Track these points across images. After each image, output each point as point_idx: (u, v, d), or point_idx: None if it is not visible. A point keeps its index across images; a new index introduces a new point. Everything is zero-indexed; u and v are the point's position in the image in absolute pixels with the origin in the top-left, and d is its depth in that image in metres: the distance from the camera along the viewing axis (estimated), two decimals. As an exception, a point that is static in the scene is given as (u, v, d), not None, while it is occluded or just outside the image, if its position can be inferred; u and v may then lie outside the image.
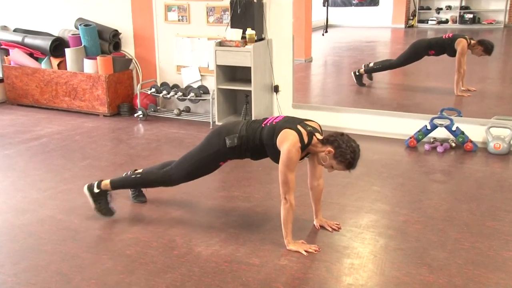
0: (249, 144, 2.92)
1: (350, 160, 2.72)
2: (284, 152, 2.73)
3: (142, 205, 3.46)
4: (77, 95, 6.00)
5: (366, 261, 2.73)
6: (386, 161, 4.33)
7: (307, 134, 2.77)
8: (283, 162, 2.74)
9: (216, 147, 2.99)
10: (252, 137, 2.91)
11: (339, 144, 2.72)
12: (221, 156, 3.01)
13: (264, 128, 2.89)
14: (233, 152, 2.97)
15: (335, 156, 2.73)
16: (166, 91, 5.71)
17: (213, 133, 3.09)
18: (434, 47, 6.06)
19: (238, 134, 2.94)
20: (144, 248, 2.89)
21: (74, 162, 4.38)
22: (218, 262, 2.72)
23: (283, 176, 2.74)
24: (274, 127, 2.84)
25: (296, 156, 2.74)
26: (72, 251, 2.86)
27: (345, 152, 2.70)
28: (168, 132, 5.28)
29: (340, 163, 2.74)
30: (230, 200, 3.58)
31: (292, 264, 2.69)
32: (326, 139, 2.77)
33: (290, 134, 2.75)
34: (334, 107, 5.36)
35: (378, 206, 3.43)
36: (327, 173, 3.01)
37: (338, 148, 2.72)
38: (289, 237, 2.85)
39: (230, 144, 2.94)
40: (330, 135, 2.78)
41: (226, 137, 2.95)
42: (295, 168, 2.76)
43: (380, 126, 5.03)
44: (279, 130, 2.79)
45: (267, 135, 2.85)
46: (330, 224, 3.11)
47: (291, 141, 2.73)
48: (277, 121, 2.89)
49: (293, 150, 2.72)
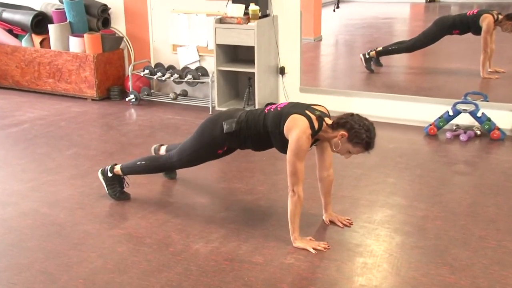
0: (249, 131, 2.92)
1: (367, 140, 2.72)
2: (293, 140, 2.73)
3: (134, 198, 3.46)
4: (62, 76, 5.99)
5: (381, 260, 2.74)
6: (403, 150, 4.33)
7: (317, 119, 2.76)
8: (292, 151, 2.73)
9: (212, 134, 3.02)
10: (253, 124, 2.91)
11: (352, 125, 2.72)
12: (218, 144, 3.04)
13: (267, 114, 2.89)
14: (231, 139, 2.98)
15: (350, 139, 2.73)
16: (161, 73, 5.70)
17: (210, 119, 3.11)
18: (458, 26, 5.99)
19: (237, 119, 2.94)
20: (137, 245, 2.90)
21: (59, 151, 4.38)
22: (218, 261, 2.73)
23: (291, 166, 2.74)
24: (280, 113, 2.83)
25: (307, 144, 2.74)
26: (58, 248, 2.88)
27: (360, 132, 2.71)
28: (163, 118, 5.28)
29: (356, 145, 2.74)
30: (231, 192, 3.59)
31: (299, 263, 2.70)
32: (336, 123, 2.77)
33: (299, 120, 2.74)
34: (346, 91, 5.35)
35: (394, 200, 3.43)
36: (337, 164, 3.01)
37: (351, 130, 2.72)
38: (296, 233, 2.85)
39: (227, 129, 2.94)
40: (339, 118, 2.78)
41: (224, 122, 2.96)
42: (304, 157, 2.76)
43: (396, 112, 5.01)
44: (286, 116, 2.79)
45: (272, 122, 2.84)
46: (341, 219, 3.11)
47: (300, 127, 2.72)
48: (282, 106, 2.88)
49: (303, 137, 2.72)
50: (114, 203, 3.39)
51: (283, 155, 2.85)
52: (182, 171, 3.83)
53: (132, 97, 5.73)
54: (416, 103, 4.96)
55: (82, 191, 3.57)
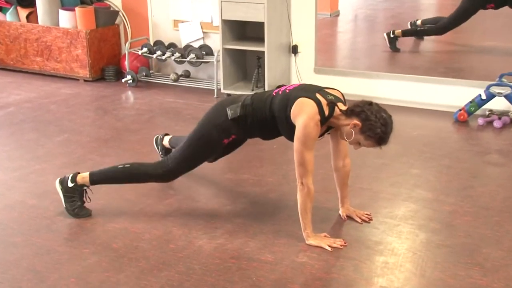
0: (255, 117, 2.91)
1: (381, 135, 2.71)
2: (300, 127, 2.72)
3: (132, 189, 3.48)
4: (51, 54, 6.01)
5: (403, 260, 2.74)
6: (429, 138, 4.31)
7: (328, 104, 2.75)
8: (298, 139, 2.73)
9: (217, 121, 3.00)
10: (259, 108, 2.90)
11: (367, 116, 2.71)
12: (223, 132, 3.01)
13: (275, 97, 2.88)
14: (237, 126, 2.97)
15: (363, 131, 2.72)
16: (161, 52, 5.70)
17: (213, 108, 3.10)
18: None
19: (242, 102, 2.94)
20: (134, 241, 2.92)
21: (48, 137, 4.41)
22: (224, 259, 2.74)
23: (299, 155, 2.74)
24: (287, 96, 2.82)
25: (315, 131, 2.73)
26: (47, 243, 2.90)
27: (375, 126, 2.69)
28: (162, 102, 5.28)
29: (368, 138, 2.73)
30: (238, 184, 3.60)
31: (313, 262, 2.71)
32: (351, 110, 2.75)
33: (307, 105, 2.74)
34: (365, 72, 5.32)
35: (419, 193, 3.43)
36: (355, 152, 3.00)
37: (366, 121, 2.70)
38: (309, 230, 2.86)
39: (232, 114, 2.93)
40: (355, 105, 2.77)
41: (228, 107, 2.96)
42: (313, 145, 2.76)
43: (422, 96, 4.99)
44: (293, 100, 2.78)
45: (279, 106, 2.83)
46: (359, 214, 3.11)
47: (308, 113, 2.72)
48: (291, 88, 2.87)
49: (311, 124, 2.71)
50: (109, 196, 3.40)
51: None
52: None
53: (129, 78, 5.74)
54: (444, 86, 4.93)
55: (74, 182, 3.59)
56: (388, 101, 4.86)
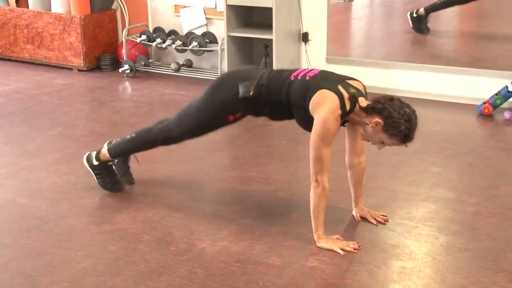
0: (270, 98, 2.91)
1: (406, 132, 2.70)
2: (319, 121, 2.73)
3: (131, 187, 3.49)
4: (42, 42, 6.02)
5: (422, 265, 2.74)
6: (451, 133, 4.31)
7: (350, 99, 2.75)
8: (317, 134, 2.73)
9: (225, 96, 3.00)
10: (276, 90, 2.90)
11: (390, 113, 2.70)
12: (230, 108, 3.02)
13: (294, 82, 2.88)
14: (246, 105, 2.97)
15: (386, 129, 2.71)
16: (161, 39, 5.71)
17: (223, 78, 3.12)
18: None
19: (257, 81, 2.94)
20: (132, 243, 2.93)
21: (40, 131, 4.43)
22: (228, 262, 2.75)
23: (316, 151, 2.75)
24: (308, 84, 2.82)
25: (335, 126, 2.73)
26: (39, 245, 2.91)
27: (399, 123, 2.69)
28: (163, 93, 5.29)
29: (392, 137, 2.72)
30: (243, 182, 3.60)
31: (324, 266, 2.71)
32: (371, 107, 2.74)
33: (329, 98, 2.74)
34: (382, 61, 5.31)
35: (439, 193, 3.42)
36: (370, 149, 3.00)
37: (388, 118, 2.70)
38: (321, 231, 2.86)
39: (244, 93, 2.93)
40: (376, 101, 2.76)
41: (241, 83, 2.96)
42: (332, 141, 2.76)
43: (444, 87, 4.98)
44: (314, 90, 2.77)
45: (298, 93, 2.83)
46: (374, 215, 3.11)
47: (329, 106, 2.72)
48: (311, 75, 2.86)
49: (331, 119, 2.71)
50: (105, 193, 3.42)
51: (306, 138, 2.84)
52: (184, 155, 3.86)
53: (126, 68, 5.75)
54: (467, 76, 4.92)
55: (68, 179, 3.61)
56: (406, 93, 4.86)
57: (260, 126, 4.42)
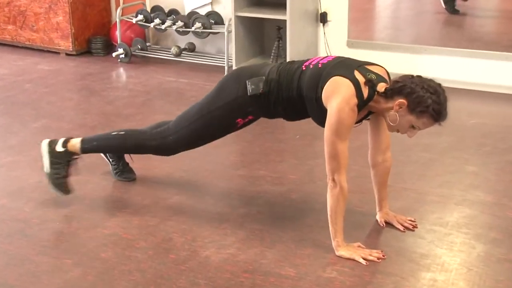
0: (281, 94, 2.91)
1: (435, 106, 2.67)
2: (333, 112, 2.72)
3: (126, 187, 3.50)
4: (26, 22, 6.04)
5: (456, 277, 2.74)
6: (490, 127, 4.30)
7: (366, 84, 2.74)
8: (330, 127, 2.73)
9: (232, 96, 3.01)
10: (286, 84, 2.90)
11: (412, 89, 2.68)
12: (239, 109, 3.02)
13: (304, 72, 2.88)
14: (257, 105, 2.98)
15: (411, 108, 2.69)
16: (160, 20, 5.71)
17: (229, 77, 3.12)
18: None
19: (266, 77, 2.95)
20: (127, 250, 2.94)
21: (23, 123, 4.44)
22: (235, 272, 2.75)
23: (330, 146, 2.74)
24: (319, 72, 2.82)
25: (350, 118, 2.72)
26: (22, 252, 2.92)
27: (424, 96, 2.66)
28: (162, 81, 5.30)
29: (421, 115, 2.69)
30: (253, 182, 3.61)
31: (344, 278, 2.71)
32: (390, 89, 2.73)
33: (343, 85, 2.73)
34: (410, 45, 5.30)
35: (476, 196, 3.41)
36: (397, 145, 2.99)
37: (411, 95, 2.68)
38: (340, 238, 2.86)
39: (252, 90, 2.94)
40: (394, 82, 2.75)
41: (248, 80, 2.97)
42: (348, 135, 2.75)
43: (481, 75, 4.96)
44: (326, 78, 2.77)
45: (309, 84, 2.83)
46: (401, 220, 3.11)
47: (343, 95, 2.71)
48: (324, 62, 2.87)
49: (346, 109, 2.70)
50: (95, 194, 3.43)
51: (323, 132, 2.84)
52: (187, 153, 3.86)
53: (120, 52, 5.76)
54: (508, 62, 4.91)
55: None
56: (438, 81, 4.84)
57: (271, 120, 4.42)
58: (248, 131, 4.19)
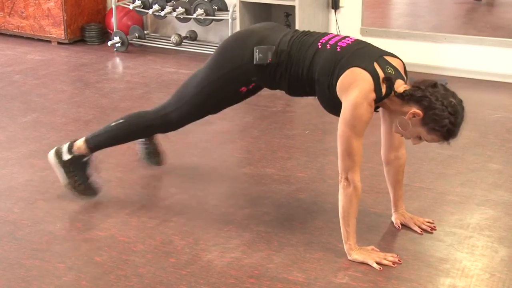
0: (289, 69, 2.90)
1: (450, 127, 2.69)
2: (349, 106, 2.72)
3: (122, 185, 3.51)
4: (14, 8, 6.05)
5: (477, 283, 2.74)
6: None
7: (385, 81, 2.74)
8: (346, 122, 2.73)
9: (236, 63, 2.99)
10: (297, 60, 2.89)
11: (431, 103, 2.68)
12: (243, 76, 3.01)
13: (320, 51, 2.85)
14: (262, 74, 2.96)
15: (425, 122, 2.70)
16: (159, 6, 5.71)
17: (233, 41, 3.09)
18: None
19: (277, 47, 2.93)
20: (123, 253, 2.95)
21: (12, 117, 4.46)
22: (240, 278, 2.77)
23: (345, 143, 2.75)
24: (337, 58, 2.80)
25: (368, 113, 2.72)
26: (11, 255, 2.93)
27: (442, 115, 2.67)
28: (161, 72, 5.31)
29: (432, 132, 2.71)
30: (259, 180, 3.62)
31: (356, 284, 2.72)
32: (409, 94, 2.73)
33: (362, 78, 2.72)
34: (430, 33, 5.29)
35: (499, 196, 3.42)
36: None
37: (429, 110, 2.68)
38: (352, 241, 2.87)
39: (260, 59, 2.92)
40: (415, 87, 2.74)
41: (256, 47, 2.96)
42: (364, 131, 2.76)
43: (506, 65, 4.95)
44: (344, 67, 2.76)
45: (323, 68, 2.82)
46: (418, 222, 3.11)
47: (361, 88, 2.71)
48: (343, 46, 2.84)
49: (364, 104, 2.70)
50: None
51: (335, 127, 2.84)
52: (187, 147, 3.87)
53: (117, 41, 5.78)
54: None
55: (46, 175, 3.64)
56: (459, 72, 4.85)
57: (279, 113, 4.44)
58: (254, 126, 4.22)
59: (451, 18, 6.26)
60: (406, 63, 2.92)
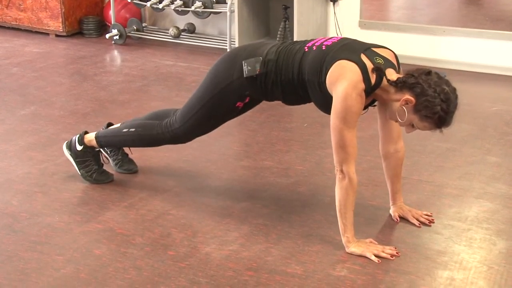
0: (279, 77, 2.93)
1: (441, 114, 2.70)
2: (338, 98, 2.73)
3: (121, 178, 3.52)
4: (12, 0, 6.04)
5: (475, 276, 2.75)
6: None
7: (374, 70, 2.75)
8: (336, 114, 2.74)
9: (228, 80, 3.03)
10: (285, 66, 2.91)
11: (424, 90, 2.69)
12: (236, 92, 3.04)
13: (307, 54, 2.89)
14: (253, 87, 2.99)
15: (417, 109, 2.71)
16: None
17: (223, 59, 3.12)
18: None
19: (264, 57, 2.96)
20: (122, 246, 2.95)
21: (10, 110, 4.46)
22: (238, 270, 2.77)
23: (337, 135, 2.76)
24: (323, 55, 2.83)
25: (358, 104, 2.73)
26: (9, 248, 2.94)
27: (433, 102, 2.68)
28: (159, 65, 5.30)
29: (424, 119, 2.72)
30: (257, 173, 3.63)
31: (354, 276, 2.73)
32: (402, 81, 2.74)
33: (349, 69, 2.74)
34: (428, 26, 5.29)
35: (498, 189, 3.42)
36: (411, 134, 3.00)
37: (421, 96, 2.69)
38: (350, 234, 2.88)
39: (249, 72, 2.95)
40: (408, 75, 2.75)
41: (244, 61, 2.99)
42: (356, 122, 2.76)
43: (505, 58, 4.94)
44: (330, 62, 2.78)
45: (311, 67, 2.84)
46: (416, 214, 3.12)
47: (349, 80, 2.72)
48: (328, 44, 2.87)
49: (353, 95, 2.71)
50: (89, 186, 3.45)
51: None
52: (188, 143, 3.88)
53: (115, 33, 5.77)
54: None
55: (44, 168, 3.65)
56: (458, 65, 4.85)
57: (277, 106, 4.42)
58: (252, 119, 4.22)
59: (450, 10, 6.26)
60: (405, 56, 2.93)
